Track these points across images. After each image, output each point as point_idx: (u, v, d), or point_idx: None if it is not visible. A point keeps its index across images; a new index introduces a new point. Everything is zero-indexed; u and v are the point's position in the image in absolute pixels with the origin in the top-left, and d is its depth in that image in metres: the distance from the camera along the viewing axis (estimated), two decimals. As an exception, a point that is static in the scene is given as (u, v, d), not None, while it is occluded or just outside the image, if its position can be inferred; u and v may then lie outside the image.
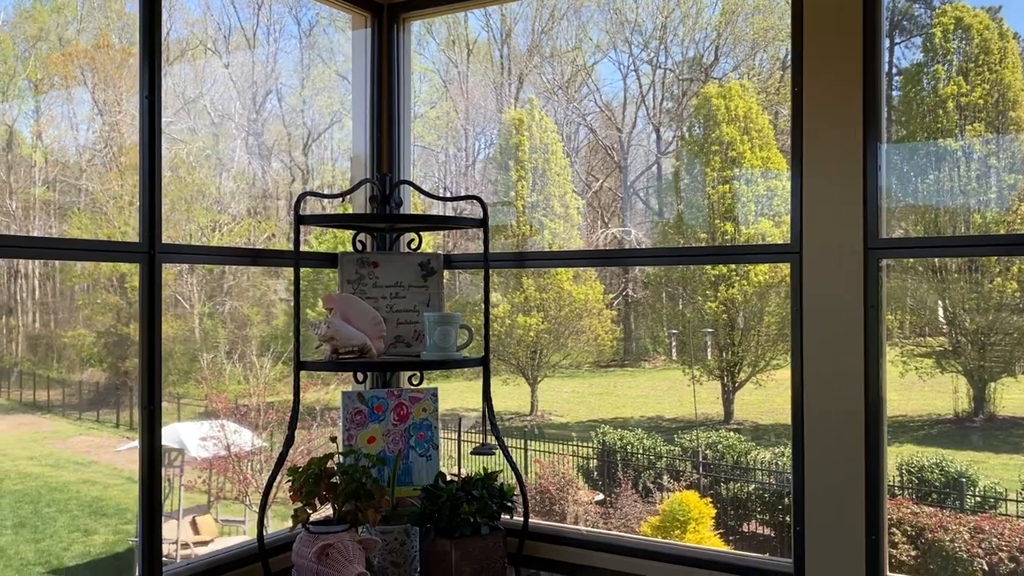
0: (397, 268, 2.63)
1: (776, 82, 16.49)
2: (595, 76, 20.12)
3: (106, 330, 19.13)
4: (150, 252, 2.07)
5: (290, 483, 2.23)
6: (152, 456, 2.07)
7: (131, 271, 17.75)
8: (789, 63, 2.20)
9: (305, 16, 22.13)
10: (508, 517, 2.48)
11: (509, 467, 2.54)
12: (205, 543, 9.97)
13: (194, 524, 10.28)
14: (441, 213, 2.81)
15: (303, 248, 2.44)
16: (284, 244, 19.81)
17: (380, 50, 2.77)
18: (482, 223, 2.56)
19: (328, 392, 10.90)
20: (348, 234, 2.72)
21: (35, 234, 19.93)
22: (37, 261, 19.66)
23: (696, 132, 15.22)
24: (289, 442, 2.37)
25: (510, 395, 15.29)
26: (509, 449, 2.52)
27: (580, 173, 19.62)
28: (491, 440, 2.54)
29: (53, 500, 12.62)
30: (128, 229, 17.70)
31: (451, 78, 20.87)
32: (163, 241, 2.11)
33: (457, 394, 13.10)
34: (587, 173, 20.17)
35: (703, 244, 13.67)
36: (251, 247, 17.05)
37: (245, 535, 10.45)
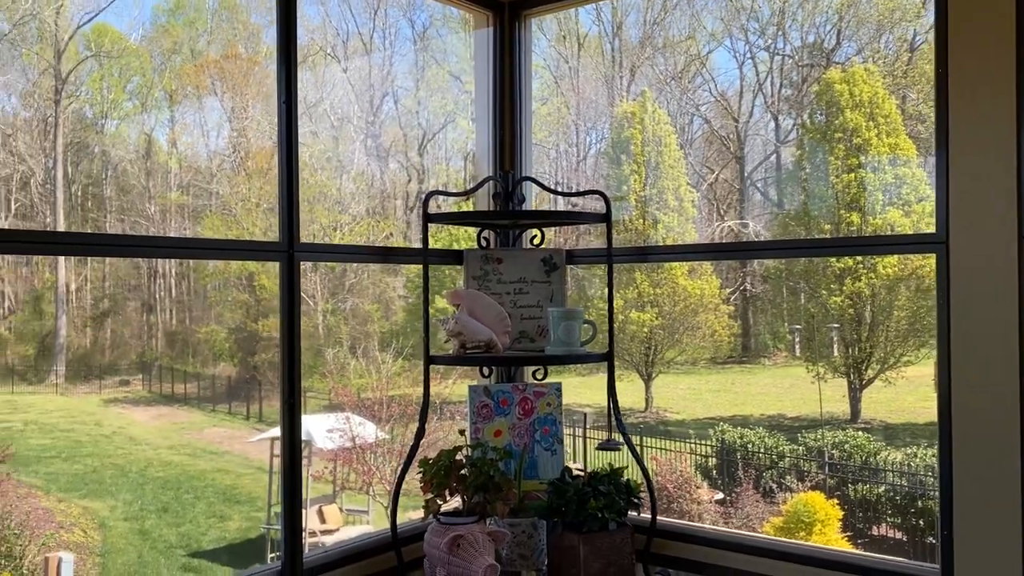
0: (521, 264, 2.65)
1: (903, 64, 15.67)
2: (709, 65, 19.71)
3: (236, 326, 20.11)
4: (289, 251, 2.16)
5: (420, 474, 2.27)
6: (293, 446, 2.15)
7: (258, 270, 18.57)
8: (917, 44, 2.08)
9: (419, 19, 22.58)
10: (635, 514, 2.46)
11: (634, 463, 2.51)
12: (331, 532, 10.34)
13: (320, 513, 10.67)
14: (553, 208, 2.80)
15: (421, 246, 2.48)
16: (401, 242, 20.28)
17: (502, 48, 2.79)
18: (605, 218, 2.54)
19: (447, 386, 11.10)
20: (463, 231, 2.75)
21: (171, 235, 21.11)
22: (173, 261, 20.85)
23: (818, 119, 14.68)
24: (420, 434, 2.41)
25: (623, 391, 15.11)
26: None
27: (694, 165, 19.25)
28: (616, 436, 2.51)
29: (192, 487, 13.38)
30: (255, 229, 18.52)
31: (562, 74, 20.86)
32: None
33: (571, 389, 13.10)
34: (702, 165, 19.78)
35: (827, 235, 13.17)
36: (375, 245, 17.54)
37: (368, 525, 10.76)
